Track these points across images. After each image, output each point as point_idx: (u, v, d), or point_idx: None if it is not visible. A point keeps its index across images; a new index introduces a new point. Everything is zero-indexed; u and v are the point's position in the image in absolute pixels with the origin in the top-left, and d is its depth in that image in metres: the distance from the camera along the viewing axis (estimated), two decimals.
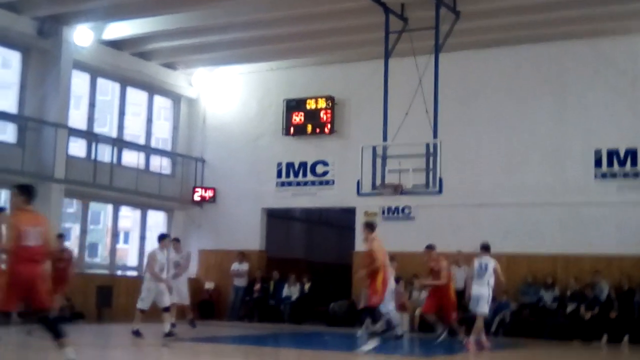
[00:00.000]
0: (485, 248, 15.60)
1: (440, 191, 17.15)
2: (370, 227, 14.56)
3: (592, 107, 19.91)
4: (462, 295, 17.24)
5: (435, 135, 17.51)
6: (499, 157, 20.65)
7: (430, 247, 16.84)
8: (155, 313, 14.92)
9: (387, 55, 18.64)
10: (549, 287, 19.19)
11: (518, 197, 20.13)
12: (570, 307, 18.56)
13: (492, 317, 19.18)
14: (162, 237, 15.66)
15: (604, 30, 19.60)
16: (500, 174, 20.51)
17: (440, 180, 16.95)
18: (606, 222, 19.11)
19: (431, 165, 17.15)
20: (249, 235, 23.50)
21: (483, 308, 15.28)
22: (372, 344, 13.63)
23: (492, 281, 15.27)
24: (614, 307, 18.23)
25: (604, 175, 19.62)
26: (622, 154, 19.46)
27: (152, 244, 24.87)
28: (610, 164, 19.56)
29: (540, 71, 20.59)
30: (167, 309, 14.73)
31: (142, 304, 14.98)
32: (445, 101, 18.56)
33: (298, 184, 23.17)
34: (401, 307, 20.25)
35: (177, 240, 17.81)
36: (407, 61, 18.74)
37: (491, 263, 15.36)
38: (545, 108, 20.43)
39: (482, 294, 15.22)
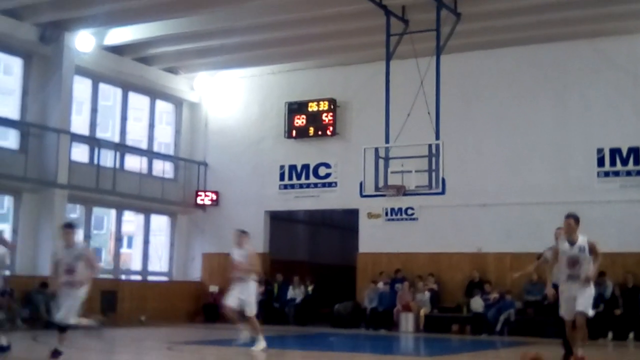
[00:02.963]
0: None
1: (443, 192, 17.20)
2: None
3: (594, 106, 19.95)
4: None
5: (437, 136, 17.55)
6: (502, 157, 20.68)
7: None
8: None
9: (388, 58, 18.67)
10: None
11: (521, 196, 20.15)
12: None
13: (497, 316, 19.26)
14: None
15: (605, 31, 19.62)
16: (502, 174, 20.54)
17: (443, 180, 17.00)
18: (609, 220, 19.10)
19: (433, 166, 17.20)
20: (253, 238, 23.15)
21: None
22: None
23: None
24: (619, 305, 18.27)
25: (606, 174, 19.65)
26: (624, 153, 19.49)
27: (155, 248, 25.02)
28: (612, 162, 19.59)
29: (542, 71, 20.61)
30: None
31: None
32: (447, 102, 18.59)
33: (301, 186, 23.20)
34: (405, 308, 20.34)
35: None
36: (408, 63, 18.80)
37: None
38: (547, 108, 20.46)
39: None
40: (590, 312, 11.30)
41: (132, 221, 27.88)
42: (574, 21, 19.21)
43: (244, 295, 13.95)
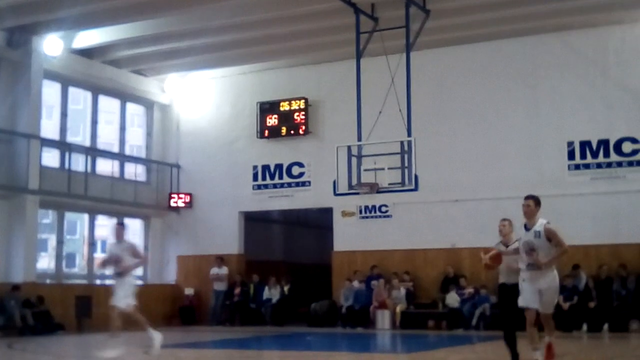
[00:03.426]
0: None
1: (416, 188, 17.24)
2: None
3: (564, 99, 20.11)
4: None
5: (409, 133, 17.59)
6: (474, 152, 20.77)
7: None
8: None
9: (358, 55, 18.71)
10: None
11: (494, 191, 20.24)
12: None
13: (472, 310, 19.35)
14: None
15: (573, 24, 19.80)
16: (475, 169, 20.64)
17: (416, 177, 17.05)
18: (582, 213, 19.28)
19: (406, 163, 17.24)
20: (228, 239, 23.47)
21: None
22: None
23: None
24: (593, 297, 18.42)
25: (577, 167, 19.82)
26: (594, 145, 19.65)
27: None
28: (583, 155, 19.75)
29: (512, 66, 20.74)
30: None
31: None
32: (419, 99, 18.66)
33: (274, 186, 23.17)
34: (381, 305, 20.38)
35: None
36: (379, 60, 18.84)
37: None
38: (518, 102, 20.59)
39: None
40: (552, 308, 10.19)
41: (105, 225, 27.64)
42: (542, 15, 19.36)
43: (123, 290, 12.75)
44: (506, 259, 10.80)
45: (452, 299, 19.80)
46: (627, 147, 19.42)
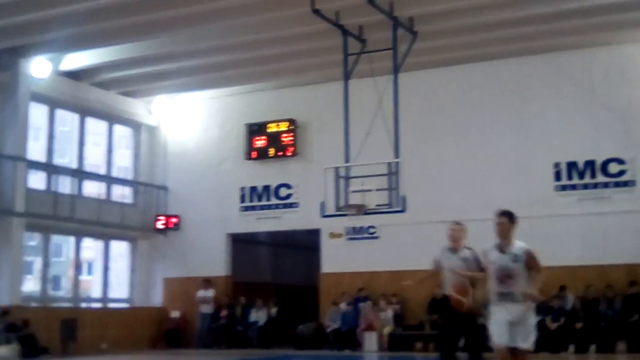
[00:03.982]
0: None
1: (403, 209, 17.23)
2: None
3: (551, 120, 20.17)
4: None
5: (396, 155, 17.61)
6: (462, 173, 20.77)
7: None
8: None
9: (346, 77, 18.73)
10: None
11: (482, 212, 19.97)
12: (536, 319, 18.64)
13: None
14: None
15: (560, 45, 19.88)
16: (463, 190, 20.61)
17: (404, 198, 17.05)
18: (569, 234, 19.28)
19: (393, 184, 17.23)
20: (215, 261, 23.36)
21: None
22: None
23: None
24: (579, 318, 18.40)
25: (564, 188, 19.86)
26: (581, 166, 19.71)
27: (116, 274, 24.70)
28: (570, 176, 19.80)
29: (499, 87, 20.81)
30: None
31: None
32: (406, 120, 18.68)
33: (262, 207, 23.11)
34: (369, 327, 20.28)
35: None
36: (366, 82, 18.87)
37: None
38: (506, 123, 20.63)
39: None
40: (532, 344, 8.61)
41: (91, 248, 27.49)
42: (528, 37, 19.43)
43: None
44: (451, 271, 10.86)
45: None
46: (613, 167, 19.48)
